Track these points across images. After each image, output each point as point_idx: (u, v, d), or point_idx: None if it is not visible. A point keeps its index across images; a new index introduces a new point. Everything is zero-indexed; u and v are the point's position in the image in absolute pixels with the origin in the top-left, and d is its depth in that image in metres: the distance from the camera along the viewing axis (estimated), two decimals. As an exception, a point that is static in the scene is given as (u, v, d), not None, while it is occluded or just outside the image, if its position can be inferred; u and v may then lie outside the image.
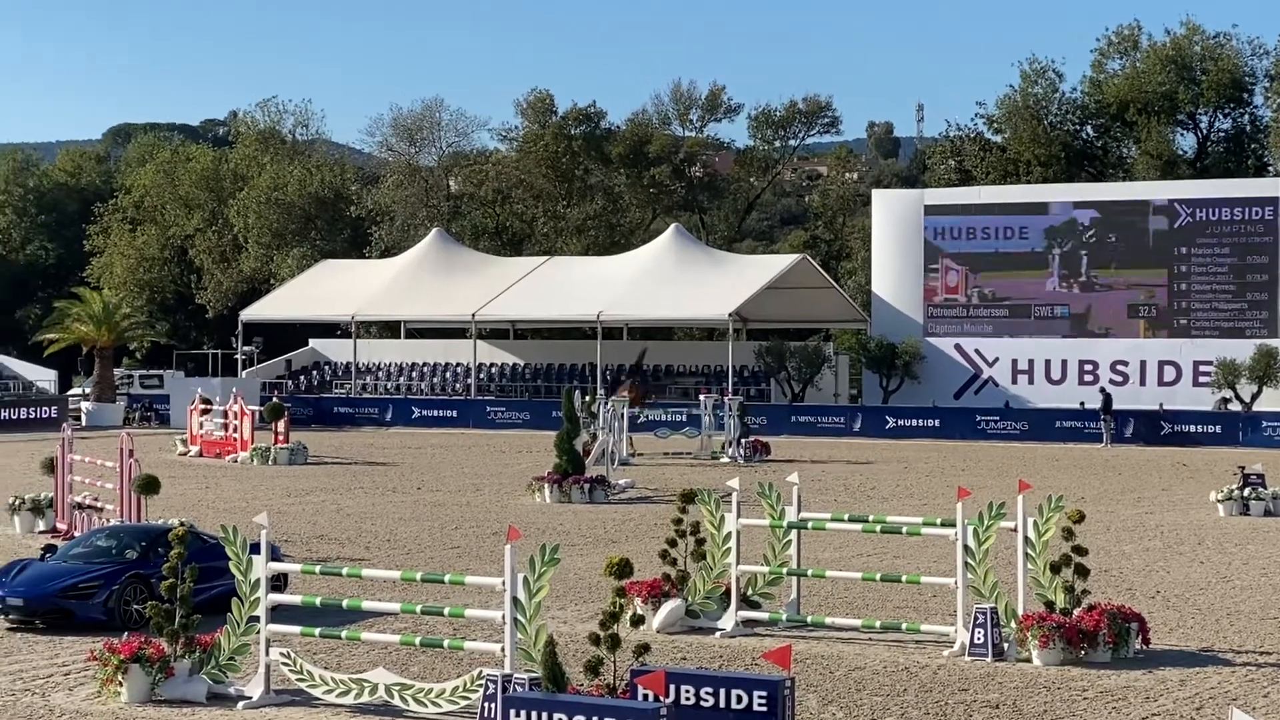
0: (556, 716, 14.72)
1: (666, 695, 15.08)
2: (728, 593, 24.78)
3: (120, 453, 32.21)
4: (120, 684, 20.04)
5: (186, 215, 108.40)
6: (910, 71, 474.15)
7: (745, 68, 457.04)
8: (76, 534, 32.43)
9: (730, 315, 77.16)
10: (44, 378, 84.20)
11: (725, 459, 57.49)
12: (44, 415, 76.19)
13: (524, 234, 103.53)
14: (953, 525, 23.46)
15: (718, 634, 24.38)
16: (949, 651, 23.01)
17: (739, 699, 15.37)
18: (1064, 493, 25.59)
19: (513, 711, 14.94)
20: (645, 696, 15.29)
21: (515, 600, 18.07)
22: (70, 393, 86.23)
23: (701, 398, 61.75)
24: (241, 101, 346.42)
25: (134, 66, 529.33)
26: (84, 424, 74.21)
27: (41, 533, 35.39)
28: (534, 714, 14.78)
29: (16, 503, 36.76)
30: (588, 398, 50.72)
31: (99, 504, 33.93)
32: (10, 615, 24.96)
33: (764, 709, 15.31)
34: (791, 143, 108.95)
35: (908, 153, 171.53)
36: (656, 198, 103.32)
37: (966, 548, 23.09)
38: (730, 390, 69.40)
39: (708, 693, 15.43)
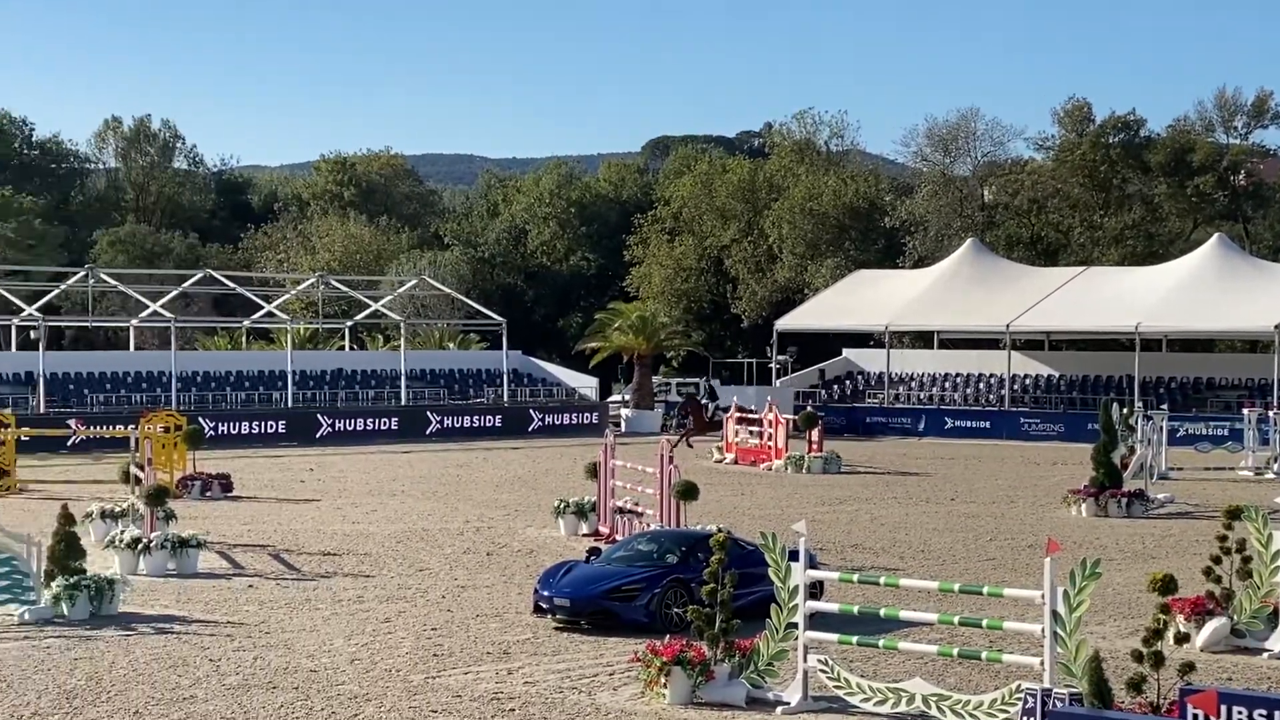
0: (1101, 733, 14.44)
1: (1218, 715, 14.67)
2: (1275, 612, 24.02)
3: (660, 459, 32.86)
4: (663, 685, 20.43)
5: (723, 226, 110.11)
6: None
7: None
8: (618, 537, 33.22)
9: (1276, 327, 74.65)
10: (585, 384, 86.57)
11: (1270, 475, 55.74)
12: (585, 421, 78.51)
13: (1059, 244, 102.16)
14: None
15: (1265, 654, 23.65)
16: None
17: (1294, 722, 14.85)
18: None
19: (1055, 726, 14.72)
20: (1194, 716, 14.91)
21: (1055, 614, 17.83)
22: (610, 399, 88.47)
23: (1244, 411, 59.97)
24: (776, 113, 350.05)
25: (672, 80, 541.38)
26: (623, 430, 76.07)
27: (584, 535, 36.39)
28: (1078, 729, 14.54)
29: (561, 506, 37.86)
30: (1125, 410, 49.71)
31: (639, 509, 34.70)
32: (557, 615, 25.69)
33: (1319, 733, 14.77)
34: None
35: None
36: (1198, 207, 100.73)
37: None
38: (1275, 404, 67.18)
39: (1261, 715, 14.91)
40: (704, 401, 66.86)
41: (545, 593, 25.91)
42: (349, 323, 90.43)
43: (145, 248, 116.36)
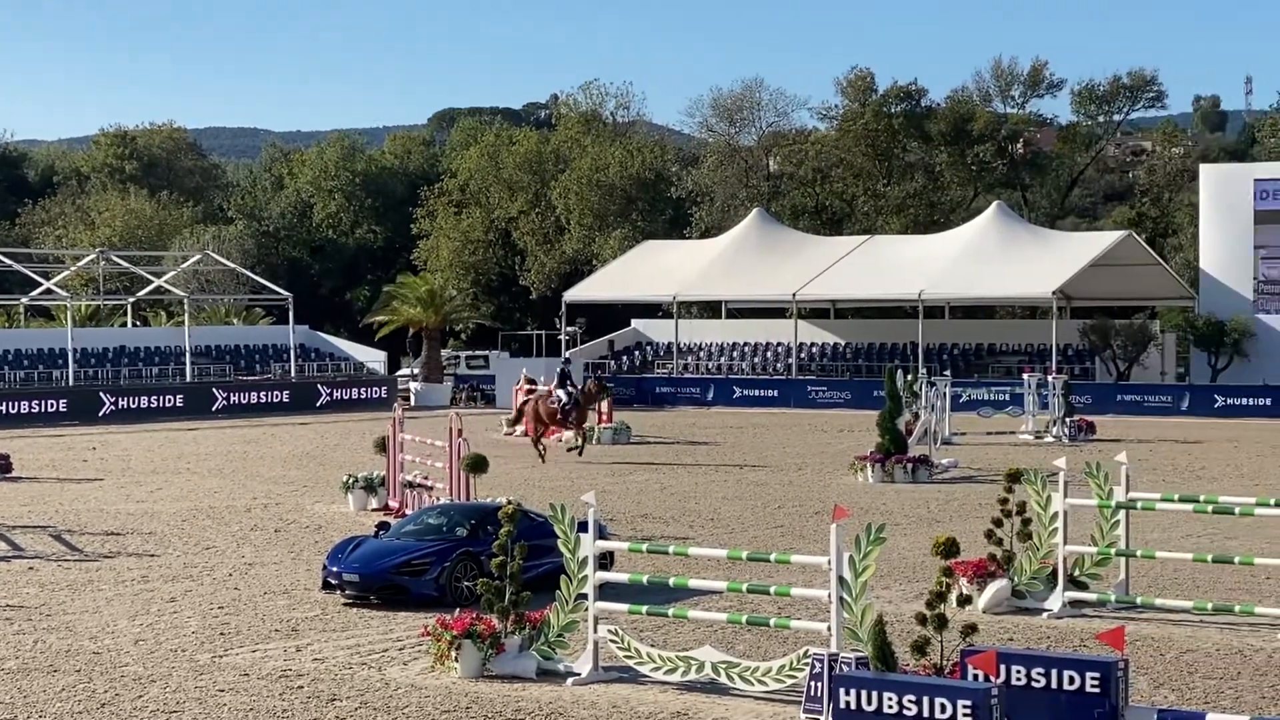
0: (886, 695, 14.58)
1: (998, 675, 14.92)
2: (1054, 573, 24.48)
3: (449, 432, 32.77)
4: (453, 659, 20.40)
5: (510, 198, 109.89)
6: (1238, 43, 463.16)
7: (1068, 42, 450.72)
8: (408, 512, 33.08)
9: (1054, 293, 76.03)
10: (374, 359, 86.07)
11: (1049, 438, 56.79)
12: (374, 395, 78.00)
13: (844, 213, 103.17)
14: (1288, 506, 22.89)
15: (1044, 615, 24.10)
16: (1285, 635, 22.50)
17: (1071, 680, 15.14)
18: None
19: (841, 690, 14.86)
20: (975, 676, 15.15)
21: (841, 579, 18.02)
22: (399, 373, 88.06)
23: (1025, 376, 61.08)
24: (563, 84, 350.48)
25: (457, 52, 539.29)
26: (413, 404, 75.77)
27: (374, 510, 36.19)
28: (863, 693, 14.68)
29: (350, 481, 37.61)
30: (909, 377, 50.39)
31: (429, 482, 34.59)
32: (346, 591, 25.56)
33: (1096, 690, 15.08)
34: (1115, 118, 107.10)
35: (1235, 127, 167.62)
36: (978, 175, 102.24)
37: (1303, 529, 22.53)
38: (1054, 369, 68.45)
39: (1039, 673, 15.22)
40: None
41: (334, 568, 25.78)
42: (131, 299, 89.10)
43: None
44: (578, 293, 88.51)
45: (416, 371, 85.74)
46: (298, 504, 38.81)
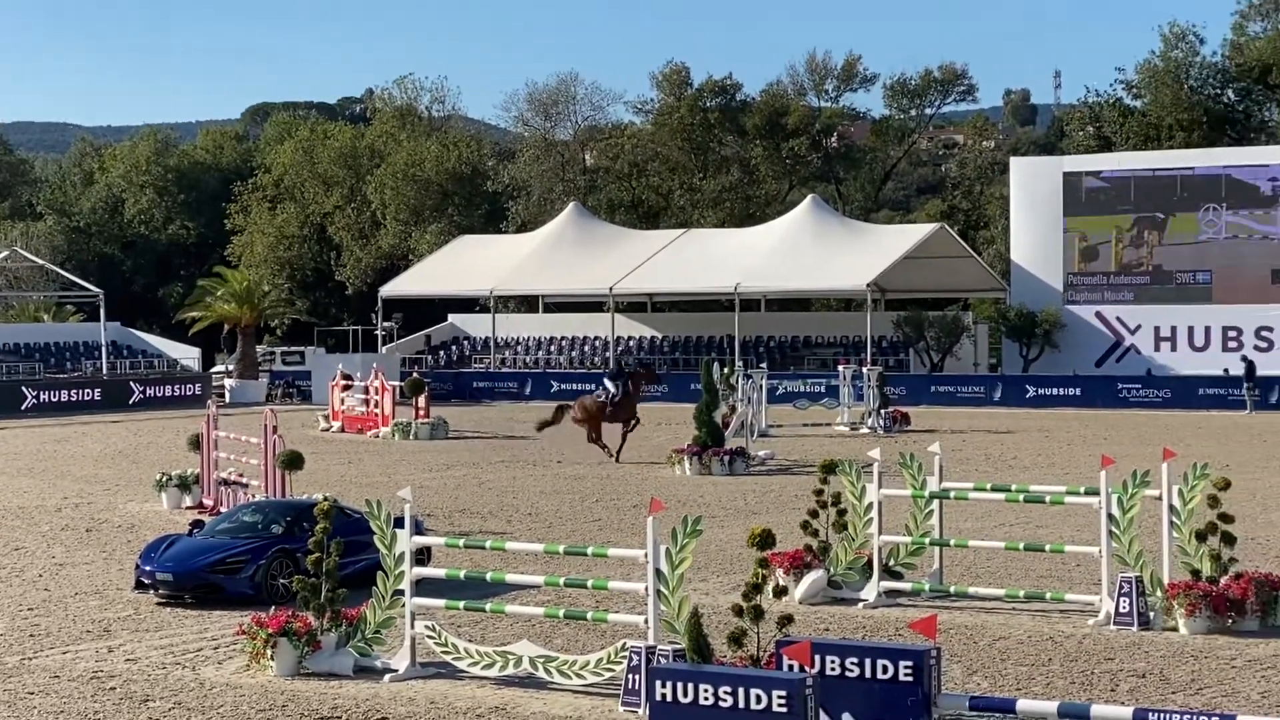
0: (702, 687, 14.64)
1: (812, 665, 15.01)
2: (870, 563, 24.69)
3: (264, 429, 32.47)
4: (269, 657, 20.22)
5: (325, 193, 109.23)
6: (1047, 38, 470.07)
7: (880, 37, 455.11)
8: (222, 509, 32.74)
9: (868, 286, 76.78)
10: (187, 355, 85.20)
11: (865, 429, 57.29)
12: (188, 393, 77.09)
13: (660, 207, 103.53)
14: (1096, 494, 23.24)
15: (860, 605, 24.31)
16: (1094, 621, 22.81)
17: (884, 669, 15.24)
18: (1208, 460, 25.25)
19: (658, 683, 14.87)
20: (790, 667, 15.23)
21: (658, 572, 18.08)
22: (213, 370, 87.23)
23: (840, 368, 61.60)
24: (378, 79, 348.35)
25: (271, 46, 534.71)
26: (228, 401, 75.03)
27: (188, 508, 35.80)
28: (679, 685, 14.71)
29: (163, 479, 37.19)
30: (726, 370, 50.61)
31: (244, 480, 34.25)
32: (159, 590, 25.26)
33: (910, 679, 15.19)
34: (928, 112, 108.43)
35: (1045, 120, 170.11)
36: (793, 169, 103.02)
37: (1111, 516, 22.88)
38: (869, 361, 69.08)
39: (853, 663, 15.32)
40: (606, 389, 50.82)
41: (147, 568, 25.46)
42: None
43: None
44: (394, 288, 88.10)
45: (231, 368, 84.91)
46: (110, 503, 38.30)
